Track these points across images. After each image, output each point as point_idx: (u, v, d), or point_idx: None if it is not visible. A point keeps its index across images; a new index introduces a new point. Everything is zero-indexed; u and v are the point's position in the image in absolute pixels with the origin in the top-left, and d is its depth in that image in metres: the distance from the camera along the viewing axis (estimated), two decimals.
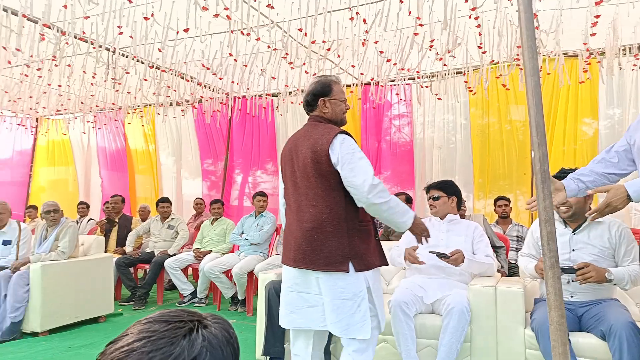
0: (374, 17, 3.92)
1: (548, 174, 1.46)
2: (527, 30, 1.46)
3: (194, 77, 6.04)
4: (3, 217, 4.30)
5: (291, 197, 2.21)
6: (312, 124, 2.22)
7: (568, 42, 4.51)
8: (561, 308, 1.39)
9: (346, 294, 2.01)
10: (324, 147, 2.05)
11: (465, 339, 2.60)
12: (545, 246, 1.44)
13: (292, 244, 2.13)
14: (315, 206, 2.07)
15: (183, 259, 5.25)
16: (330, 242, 2.02)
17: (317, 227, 2.05)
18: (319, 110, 2.23)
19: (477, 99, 5.71)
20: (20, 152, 8.57)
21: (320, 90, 2.23)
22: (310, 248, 2.04)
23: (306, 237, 2.06)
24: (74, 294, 4.17)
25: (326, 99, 2.22)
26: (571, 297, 2.49)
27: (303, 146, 2.14)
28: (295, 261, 2.10)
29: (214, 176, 7.45)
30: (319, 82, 2.25)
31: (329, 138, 2.05)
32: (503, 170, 5.61)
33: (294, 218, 2.17)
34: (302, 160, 2.12)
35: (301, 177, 2.13)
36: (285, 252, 2.20)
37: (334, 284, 2.02)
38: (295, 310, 2.15)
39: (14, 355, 3.46)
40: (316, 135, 2.12)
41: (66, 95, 6.74)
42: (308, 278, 2.10)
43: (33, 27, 4.13)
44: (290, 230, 2.19)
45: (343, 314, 2.01)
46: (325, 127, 2.15)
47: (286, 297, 2.20)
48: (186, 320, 0.67)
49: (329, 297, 2.03)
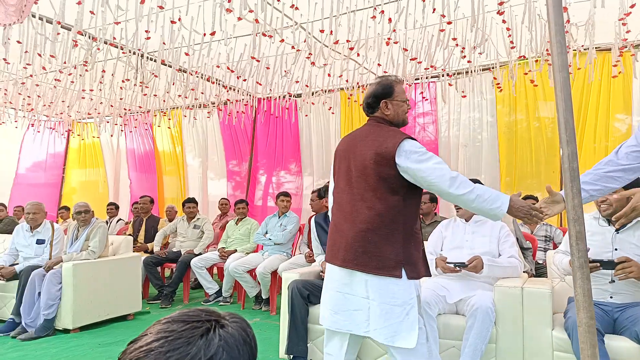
0: (397, 15, 3.89)
1: (577, 172, 1.42)
2: (555, 25, 1.42)
3: (219, 79, 6.13)
4: (38, 217, 4.47)
5: (343, 196, 2.14)
6: (374, 125, 2.16)
7: (600, 35, 4.36)
8: (590, 309, 1.35)
9: (396, 300, 1.95)
10: (389, 150, 1.98)
11: (490, 340, 2.55)
12: (574, 246, 1.39)
13: (342, 243, 2.07)
14: (372, 208, 2.01)
15: (208, 258, 5.33)
16: (384, 246, 1.97)
17: (372, 229, 1.99)
18: (381, 112, 2.17)
19: (504, 96, 5.58)
20: (53, 155, 8.88)
21: (381, 92, 2.17)
22: (363, 250, 1.99)
23: (359, 238, 2.00)
24: (104, 292, 4.29)
25: (388, 101, 2.16)
26: (610, 298, 2.40)
27: (363, 147, 2.08)
28: (344, 261, 2.04)
29: (238, 177, 7.54)
30: (380, 84, 2.19)
31: (395, 142, 1.99)
32: (531, 168, 5.47)
33: (345, 217, 2.10)
34: (361, 161, 2.06)
35: (358, 178, 2.07)
36: (332, 250, 2.13)
37: (385, 289, 1.96)
38: (339, 312, 2.08)
39: (47, 351, 3.59)
40: (381, 137, 2.05)
41: (97, 99, 6.94)
42: (356, 280, 2.03)
43: (66, 34, 4.27)
44: (339, 230, 2.11)
45: (391, 320, 1.94)
46: (390, 130, 2.09)
47: (329, 296, 2.13)
48: (204, 320, 0.68)
49: (377, 302, 1.96)
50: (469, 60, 4.89)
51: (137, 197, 7.94)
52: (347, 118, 6.57)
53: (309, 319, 3.06)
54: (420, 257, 2.07)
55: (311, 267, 3.71)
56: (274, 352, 3.40)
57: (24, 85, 5.98)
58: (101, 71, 5.17)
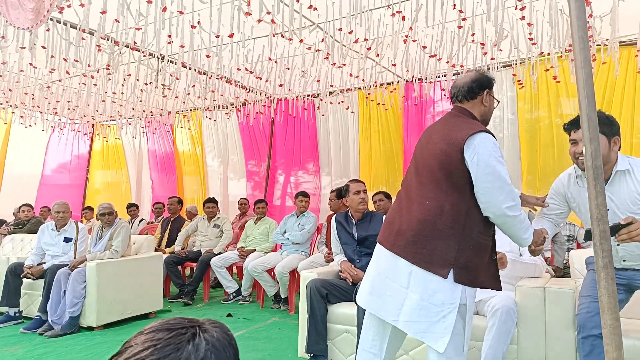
0: (415, 12, 3.86)
1: (601, 170, 1.38)
2: (577, 20, 1.39)
3: (238, 81, 6.19)
4: (65, 217, 4.60)
5: (410, 181, 2.07)
6: (454, 115, 2.06)
7: (624, 28, 4.24)
8: (615, 311, 1.31)
9: (436, 299, 1.86)
10: (458, 141, 1.88)
11: (511, 341, 2.51)
12: (598, 245, 1.36)
13: (397, 227, 2.00)
14: (434, 199, 1.92)
15: (228, 257, 5.38)
16: (437, 242, 1.87)
17: (429, 221, 1.90)
18: (477, 102, 2.06)
19: (525, 93, 5.49)
20: (78, 157, 9.10)
21: (486, 82, 2.07)
22: (414, 240, 1.91)
23: (413, 227, 1.93)
24: (127, 291, 4.38)
25: (489, 92, 2.08)
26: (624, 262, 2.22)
27: (437, 135, 2.00)
28: (392, 246, 1.98)
29: (257, 177, 7.60)
30: (483, 74, 2.09)
31: (467, 133, 1.88)
32: (553, 166, 5.36)
33: (406, 204, 2.03)
34: (431, 150, 1.98)
35: (424, 166, 2.00)
36: (386, 232, 2.06)
37: (427, 284, 1.87)
38: (374, 292, 2.02)
39: (72, 348, 3.68)
40: (454, 127, 1.96)
41: (119, 102, 7.08)
42: (400, 267, 1.95)
43: (89, 39, 4.38)
44: (399, 214, 2.04)
45: (425, 317, 1.87)
46: (467, 121, 1.99)
47: (371, 276, 2.07)
48: (187, 326, 0.69)
49: (417, 295, 1.88)
50: (492, 57, 4.81)
51: (158, 197, 8.09)
52: (365, 117, 6.55)
53: (328, 317, 3.06)
54: (484, 264, 1.94)
55: (329, 266, 3.72)
56: (293, 351, 3.42)
57: (49, 89, 6.14)
58: (127, 75, 5.28)
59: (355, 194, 3.39)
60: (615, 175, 2.14)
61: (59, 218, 4.54)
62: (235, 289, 5.31)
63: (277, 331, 4.07)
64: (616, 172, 2.14)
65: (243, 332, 4.06)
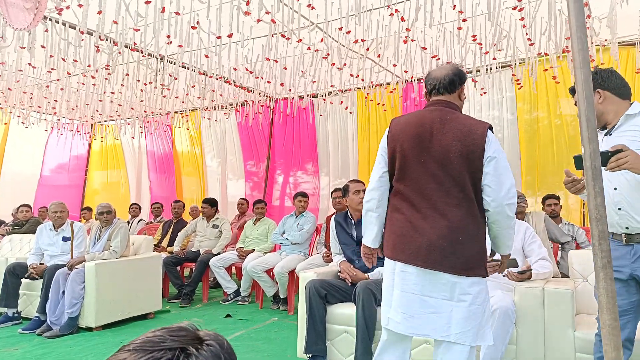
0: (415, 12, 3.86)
1: (599, 171, 1.38)
2: (576, 20, 1.39)
3: (237, 81, 6.18)
4: (64, 216, 4.59)
5: (418, 189, 1.95)
6: (447, 111, 1.98)
7: (622, 29, 4.25)
8: (614, 311, 1.32)
9: (479, 299, 1.89)
10: (478, 141, 1.86)
11: (510, 341, 2.51)
12: (597, 245, 1.36)
13: (423, 243, 1.90)
14: (460, 206, 1.88)
15: (227, 258, 5.38)
16: (472, 246, 1.89)
17: (461, 228, 1.87)
18: (455, 97, 2.04)
19: (524, 93, 5.49)
20: (76, 157, 9.09)
21: (463, 77, 2.06)
22: (452, 250, 1.86)
23: (449, 239, 1.87)
24: (125, 291, 4.37)
25: (464, 87, 2.08)
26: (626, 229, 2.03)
27: (443, 136, 1.91)
28: (426, 262, 1.88)
29: (256, 177, 7.59)
30: (460, 69, 2.06)
31: (483, 133, 1.87)
32: (553, 166, 5.37)
33: (423, 214, 1.92)
34: (444, 153, 1.89)
35: (442, 171, 1.90)
36: (405, 249, 1.94)
37: (472, 289, 1.88)
38: (414, 315, 1.92)
39: (71, 348, 3.67)
40: (464, 127, 1.90)
41: (117, 102, 7.08)
42: (439, 281, 1.89)
43: (88, 39, 4.37)
44: (416, 227, 1.93)
45: (474, 321, 1.88)
46: (469, 118, 1.97)
47: (401, 299, 1.96)
48: (166, 349, 0.62)
49: (465, 304, 1.87)
50: (493, 57, 4.81)
51: (156, 197, 8.09)
52: (364, 118, 6.55)
53: (327, 318, 3.06)
54: None
55: (328, 266, 3.71)
56: (292, 351, 3.42)
57: (48, 88, 6.13)
58: (125, 74, 5.27)
59: (354, 193, 3.40)
60: (622, 121, 2.09)
61: (56, 218, 4.54)
62: (234, 289, 5.30)
63: (276, 332, 4.07)
64: (626, 116, 2.08)
65: (242, 332, 4.06)
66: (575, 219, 5.10)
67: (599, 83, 2.13)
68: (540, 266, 2.75)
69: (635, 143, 1.97)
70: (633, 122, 2.06)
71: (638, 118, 2.05)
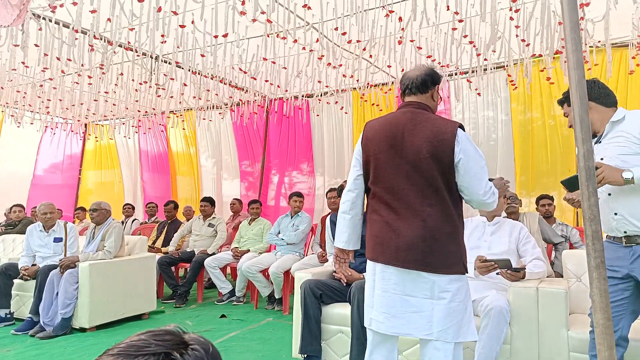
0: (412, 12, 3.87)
1: (593, 171, 1.39)
2: (570, 22, 1.39)
3: (232, 81, 6.17)
4: (54, 217, 4.55)
5: (392, 190, 1.97)
6: (419, 112, 1.99)
7: (616, 30, 4.29)
8: (607, 311, 1.32)
9: (460, 296, 1.92)
10: (448, 141, 1.88)
11: (505, 341, 2.52)
12: (590, 246, 1.37)
13: (401, 243, 1.93)
14: (434, 205, 1.91)
15: (222, 258, 5.37)
16: (450, 244, 1.92)
17: (437, 227, 1.90)
18: (428, 97, 2.04)
19: (518, 94, 5.52)
20: (70, 156, 9.03)
21: (437, 77, 2.06)
22: (430, 250, 1.90)
23: (426, 238, 1.90)
24: (119, 292, 4.35)
25: (438, 88, 2.07)
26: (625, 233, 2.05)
27: (414, 136, 1.93)
28: (406, 262, 1.91)
29: (251, 177, 7.58)
30: (433, 70, 2.07)
31: (453, 131, 1.89)
32: (546, 167, 5.40)
33: (399, 215, 1.95)
34: (416, 154, 1.92)
35: (414, 172, 1.93)
36: (387, 251, 1.96)
37: (451, 287, 1.91)
38: (397, 315, 1.95)
39: (64, 349, 3.65)
40: (434, 126, 1.93)
41: (112, 102, 7.04)
42: (420, 281, 1.92)
43: (82, 38, 4.34)
44: (392, 228, 1.96)
45: (455, 318, 1.91)
46: (440, 118, 1.99)
47: (383, 299, 1.98)
48: (149, 353, 0.61)
49: (445, 301, 1.90)
50: (485, 58, 4.84)
51: (150, 197, 8.05)
52: (359, 118, 6.56)
53: (322, 318, 3.06)
54: None
55: (324, 267, 3.71)
56: (287, 351, 3.41)
57: (41, 87, 6.09)
58: (119, 74, 5.24)
59: None
60: (608, 128, 2.15)
61: (47, 219, 4.50)
62: (229, 289, 5.29)
63: (271, 332, 4.07)
64: (611, 123, 2.14)
65: (237, 332, 4.05)
66: (568, 219, 5.13)
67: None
68: (535, 266, 2.76)
69: (621, 148, 2.04)
70: (619, 128, 2.11)
71: (623, 123, 2.09)
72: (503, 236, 2.89)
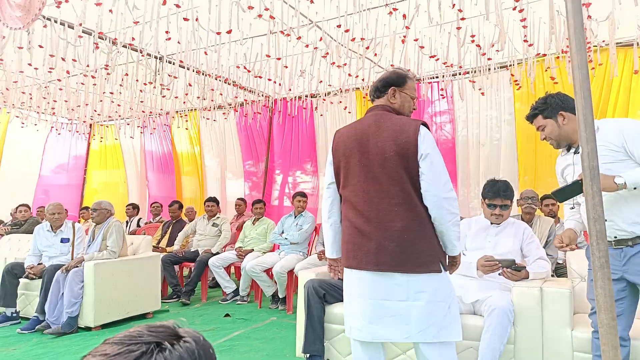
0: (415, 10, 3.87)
1: (597, 171, 1.39)
2: (574, 21, 1.39)
3: (236, 80, 6.19)
4: (60, 217, 4.58)
5: (360, 195, 1.99)
6: (382, 114, 2.03)
7: (621, 30, 4.27)
8: (612, 310, 1.32)
9: (439, 296, 1.89)
10: (411, 138, 1.89)
11: (509, 341, 2.52)
12: (595, 245, 1.37)
13: (371, 246, 1.92)
14: (402, 204, 1.90)
15: (226, 257, 5.38)
16: (420, 243, 1.89)
17: (406, 226, 1.88)
18: (386, 99, 2.09)
19: (522, 94, 5.50)
20: (75, 157, 9.08)
21: (394, 80, 2.10)
22: (400, 250, 1.87)
23: (394, 238, 1.88)
24: (124, 291, 4.37)
25: (397, 89, 2.08)
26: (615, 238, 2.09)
27: (378, 138, 1.95)
28: (377, 265, 1.90)
29: (255, 177, 7.60)
30: (394, 72, 2.13)
31: (415, 129, 1.90)
32: (550, 167, 5.34)
33: (367, 218, 1.95)
34: (381, 154, 1.93)
35: (379, 174, 1.94)
36: (358, 255, 1.96)
37: (427, 286, 1.88)
38: (374, 321, 1.93)
39: (69, 348, 3.67)
40: (396, 126, 1.94)
41: (117, 102, 7.07)
42: (393, 283, 1.90)
43: (87, 39, 4.37)
44: (362, 232, 1.96)
45: (435, 317, 1.87)
46: (402, 118, 2.00)
47: (359, 305, 1.97)
48: (142, 342, 0.63)
49: (420, 302, 1.87)
50: (489, 57, 4.83)
51: (155, 197, 8.08)
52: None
53: (325, 318, 3.06)
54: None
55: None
56: (291, 351, 3.42)
57: (47, 89, 6.13)
58: (124, 74, 5.27)
59: None
60: None
61: (54, 219, 4.53)
62: (233, 289, 5.31)
63: (275, 331, 4.08)
64: None
65: (241, 332, 4.06)
66: None
67: (560, 106, 2.26)
68: (539, 266, 2.76)
69: (603, 157, 2.04)
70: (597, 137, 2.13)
71: (599, 133, 2.10)
72: (508, 236, 2.88)
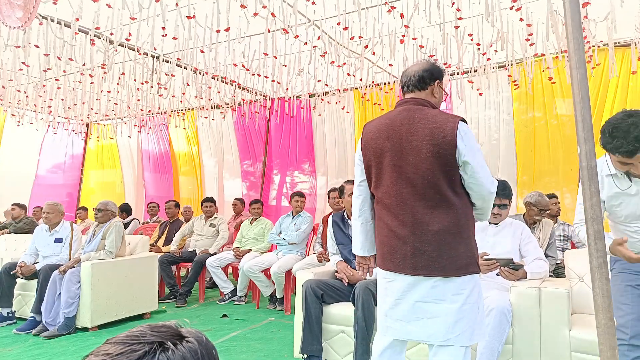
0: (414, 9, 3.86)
1: (595, 171, 1.39)
2: (572, 21, 1.39)
3: (233, 80, 6.17)
4: (51, 217, 4.51)
5: (393, 196, 1.92)
6: (415, 109, 1.91)
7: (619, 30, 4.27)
8: (609, 311, 1.32)
9: (473, 297, 1.87)
10: (449, 138, 1.79)
11: (507, 341, 2.51)
12: (593, 245, 1.36)
13: (408, 250, 1.88)
14: (438, 207, 1.84)
15: (223, 257, 5.37)
16: (458, 245, 1.85)
17: (443, 229, 1.83)
18: (429, 92, 1.97)
19: (520, 94, 5.51)
20: (72, 156, 9.06)
21: (438, 72, 1.99)
22: (438, 254, 1.83)
23: (432, 242, 1.84)
24: (121, 292, 4.35)
25: (439, 83, 1.99)
26: None
27: (413, 137, 1.86)
28: (415, 269, 1.86)
29: (253, 177, 7.58)
30: (434, 64, 2.00)
31: (453, 127, 1.80)
32: (549, 166, 5.39)
33: (402, 221, 1.89)
34: (415, 155, 1.85)
35: (414, 174, 1.86)
36: (393, 258, 1.92)
37: (465, 289, 1.85)
38: (410, 321, 1.91)
39: (66, 349, 3.65)
40: (432, 124, 1.84)
41: (113, 101, 7.05)
42: (430, 286, 1.86)
43: (84, 37, 4.34)
44: (397, 235, 1.91)
45: (469, 320, 1.85)
46: (439, 113, 1.90)
47: (397, 307, 1.94)
48: (144, 342, 0.63)
49: (458, 304, 1.84)
50: (488, 58, 4.82)
51: (152, 197, 8.06)
52: (361, 117, 6.55)
53: (323, 318, 3.06)
54: None
55: (325, 266, 3.71)
56: (289, 351, 3.41)
57: (43, 87, 6.10)
58: (121, 74, 5.25)
59: (350, 195, 3.38)
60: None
61: (44, 218, 4.52)
62: (231, 289, 5.29)
63: (272, 332, 4.07)
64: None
65: (238, 332, 4.05)
66: (570, 219, 5.11)
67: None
68: (537, 266, 2.76)
69: None
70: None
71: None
72: (506, 237, 2.88)
